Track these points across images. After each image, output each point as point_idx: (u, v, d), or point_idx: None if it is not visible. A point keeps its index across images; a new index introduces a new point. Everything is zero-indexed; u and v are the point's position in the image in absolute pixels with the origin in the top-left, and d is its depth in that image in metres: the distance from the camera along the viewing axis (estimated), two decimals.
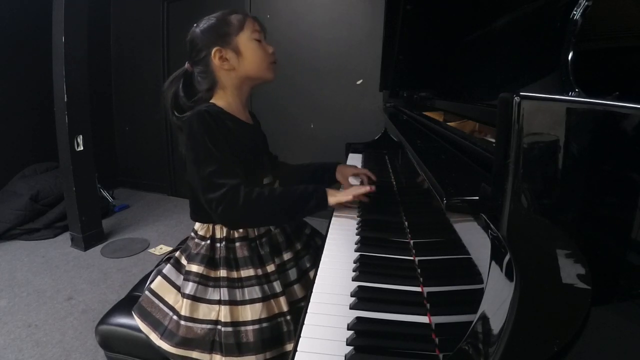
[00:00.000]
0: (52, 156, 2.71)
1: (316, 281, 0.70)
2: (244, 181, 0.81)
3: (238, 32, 0.89)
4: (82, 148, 2.33)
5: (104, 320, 0.90)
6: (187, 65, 0.92)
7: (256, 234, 0.90)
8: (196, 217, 0.92)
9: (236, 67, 0.89)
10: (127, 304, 0.93)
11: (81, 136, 2.32)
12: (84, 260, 2.26)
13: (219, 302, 0.82)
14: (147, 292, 0.88)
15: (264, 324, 0.82)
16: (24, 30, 2.81)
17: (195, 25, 0.91)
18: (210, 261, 0.86)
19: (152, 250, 2.40)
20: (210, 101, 0.91)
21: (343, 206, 1.01)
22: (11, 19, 2.74)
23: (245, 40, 0.89)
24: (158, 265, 1.00)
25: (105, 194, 3.11)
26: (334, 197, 0.89)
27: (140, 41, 3.36)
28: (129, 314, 0.88)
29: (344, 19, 2.61)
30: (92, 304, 1.80)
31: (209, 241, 0.88)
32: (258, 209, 0.81)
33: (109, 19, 3.47)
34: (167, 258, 0.97)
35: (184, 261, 0.90)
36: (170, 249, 2.32)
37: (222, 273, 0.84)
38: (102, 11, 3.36)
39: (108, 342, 0.89)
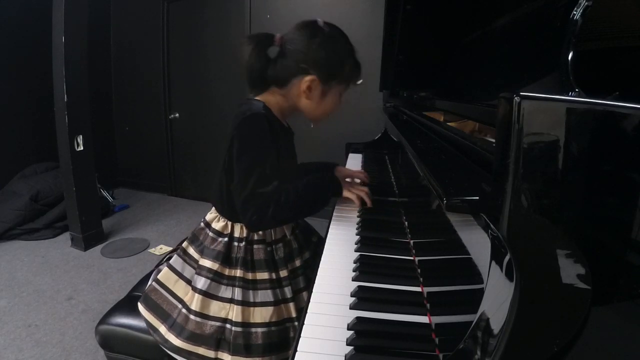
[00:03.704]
0: (52, 156, 2.71)
1: (316, 281, 0.70)
2: (276, 187, 0.80)
3: (340, 82, 0.85)
4: (82, 148, 2.33)
5: (104, 320, 0.90)
6: (277, 38, 0.83)
7: (273, 238, 0.89)
8: (221, 209, 0.89)
9: (311, 102, 0.85)
10: (127, 304, 0.93)
11: (81, 136, 2.32)
12: (84, 260, 2.26)
13: (231, 300, 0.82)
14: (154, 284, 0.88)
15: (273, 328, 0.82)
16: (24, 30, 2.81)
17: (319, 24, 0.84)
18: (226, 259, 0.85)
19: (152, 250, 2.40)
20: (262, 97, 0.87)
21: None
22: (11, 19, 2.74)
23: (337, 91, 0.87)
24: (158, 265, 1.00)
25: (105, 194, 3.11)
26: (348, 192, 0.94)
27: (140, 41, 3.36)
28: (129, 314, 0.88)
29: (344, 19, 2.60)
30: (92, 304, 1.80)
31: (226, 238, 0.86)
32: (285, 212, 0.82)
33: (109, 19, 3.47)
34: (168, 258, 0.97)
35: (192, 252, 0.89)
36: (170, 249, 2.31)
37: (238, 273, 0.84)
38: (102, 11, 3.36)
39: (108, 342, 0.89)
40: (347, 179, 1.12)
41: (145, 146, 3.57)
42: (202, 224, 0.92)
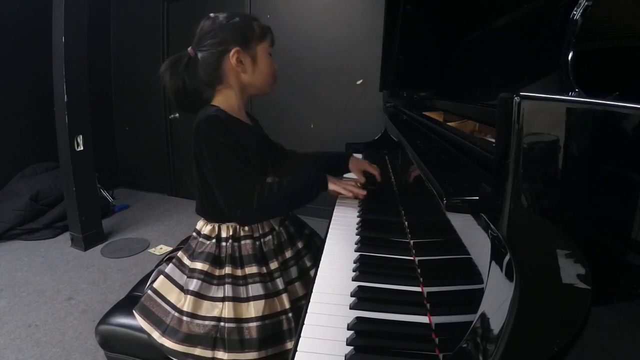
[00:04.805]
0: (52, 156, 2.71)
1: (316, 281, 0.70)
2: (256, 183, 0.84)
3: (259, 41, 0.90)
4: (82, 148, 2.33)
5: (104, 320, 0.90)
6: (189, 50, 0.90)
7: (260, 232, 0.91)
8: (205, 214, 0.93)
9: (249, 73, 0.90)
10: (127, 304, 0.93)
11: (81, 136, 2.32)
12: (84, 260, 2.26)
13: (223, 299, 0.83)
14: (149, 292, 0.89)
15: (267, 321, 0.82)
16: (24, 30, 2.80)
17: (212, 15, 0.89)
18: (216, 259, 0.87)
19: (152, 250, 2.40)
20: (214, 102, 0.90)
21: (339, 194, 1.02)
22: (11, 19, 2.74)
23: (263, 51, 0.91)
24: (158, 265, 1.00)
25: (105, 194, 3.11)
26: (333, 185, 0.95)
27: (140, 41, 3.36)
28: (129, 314, 0.88)
29: (344, 19, 2.61)
30: (92, 304, 1.80)
31: (214, 240, 0.88)
32: (271, 205, 0.86)
33: (109, 19, 3.47)
34: (168, 258, 0.97)
35: (186, 261, 0.90)
36: (170, 249, 2.32)
37: (227, 270, 0.85)
38: (102, 11, 3.36)
39: (108, 342, 0.89)
40: (345, 176, 1.13)
41: (145, 146, 3.57)
42: (194, 233, 0.94)
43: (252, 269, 0.86)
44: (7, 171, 2.74)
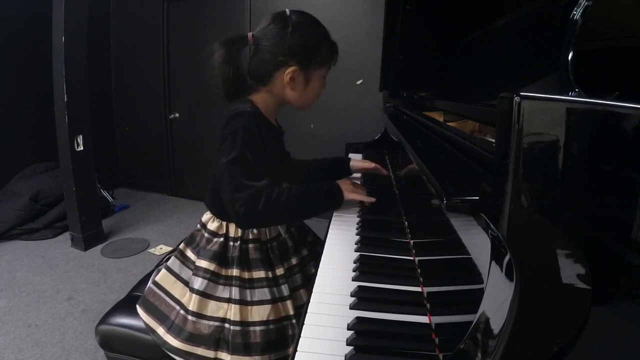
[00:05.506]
0: (52, 156, 2.71)
1: (316, 281, 0.70)
2: (268, 183, 0.81)
3: (320, 65, 0.87)
4: (82, 148, 2.33)
5: (104, 320, 0.90)
6: (249, 36, 0.83)
7: (268, 237, 0.90)
8: (214, 209, 0.90)
9: (297, 92, 0.87)
10: (127, 304, 0.93)
11: (81, 136, 2.32)
12: (84, 260, 2.26)
13: (229, 300, 0.83)
14: (151, 285, 0.88)
15: (271, 326, 0.82)
16: (24, 30, 2.81)
17: (288, 14, 0.83)
18: (222, 259, 0.86)
19: (152, 250, 2.40)
20: (251, 97, 0.87)
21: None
22: (11, 19, 2.74)
23: (319, 76, 0.88)
24: (158, 265, 1.00)
25: (105, 194, 3.11)
26: (351, 194, 0.92)
27: (140, 41, 3.36)
28: (129, 314, 0.88)
29: (344, 19, 2.61)
30: (92, 304, 1.80)
31: (221, 238, 0.87)
32: (276, 210, 0.81)
33: (109, 19, 3.47)
34: (167, 259, 0.97)
35: (189, 254, 0.89)
36: (170, 249, 2.32)
37: (235, 272, 0.84)
38: (102, 11, 3.36)
39: (108, 342, 0.89)
40: (355, 175, 1.13)
41: (145, 146, 3.57)
42: (198, 226, 0.93)
43: (259, 273, 0.85)
44: (7, 171, 2.74)
